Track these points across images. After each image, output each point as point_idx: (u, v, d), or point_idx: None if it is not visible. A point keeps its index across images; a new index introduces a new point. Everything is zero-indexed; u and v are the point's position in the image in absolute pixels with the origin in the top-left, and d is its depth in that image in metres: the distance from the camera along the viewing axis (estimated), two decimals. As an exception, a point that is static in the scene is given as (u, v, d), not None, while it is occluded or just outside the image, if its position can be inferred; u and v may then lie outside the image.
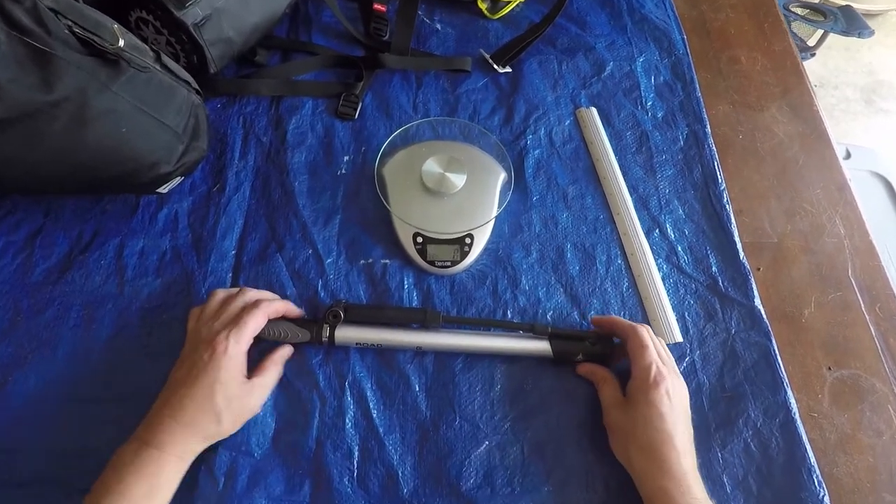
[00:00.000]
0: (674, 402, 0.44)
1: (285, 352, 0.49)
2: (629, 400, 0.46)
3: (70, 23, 0.40)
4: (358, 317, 0.50)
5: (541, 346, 0.50)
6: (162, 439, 0.41)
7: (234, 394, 0.43)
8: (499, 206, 0.57)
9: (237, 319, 0.45)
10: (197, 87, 0.53)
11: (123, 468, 0.40)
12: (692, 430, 0.46)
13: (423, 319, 0.50)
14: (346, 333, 0.49)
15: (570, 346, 0.50)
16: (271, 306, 0.48)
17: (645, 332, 0.48)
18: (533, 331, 0.50)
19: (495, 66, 0.67)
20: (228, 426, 0.44)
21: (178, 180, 0.54)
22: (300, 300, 0.53)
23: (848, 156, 1.20)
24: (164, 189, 0.53)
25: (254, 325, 0.46)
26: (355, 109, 0.63)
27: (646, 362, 0.46)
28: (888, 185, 1.18)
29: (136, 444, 0.41)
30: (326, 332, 0.49)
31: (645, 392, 0.45)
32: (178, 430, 0.42)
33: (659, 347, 0.48)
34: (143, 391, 0.45)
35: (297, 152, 0.61)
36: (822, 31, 1.26)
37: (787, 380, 0.52)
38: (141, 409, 0.43)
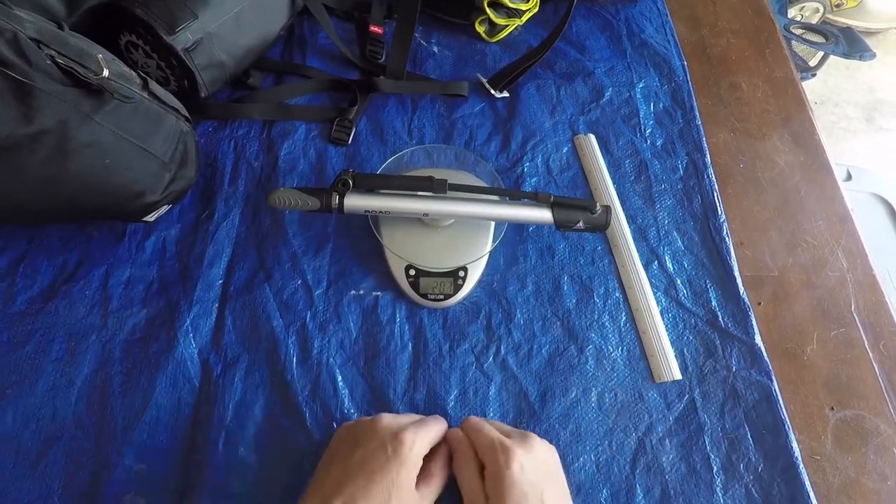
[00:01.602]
0: (530, 471, 0.39)
1: (444, 453, 0.44)
2: (490, 494, 0.39)
3: (53, 52, 0.39)
4: (366, 185, 0.51)
5: (543, 214, 0.52)
6: None
7: (409, 501, 0.38)
8: (494, 239, 0.56)
9: (422, 420, 0.43)
10: (186, 114, 0.52)
11: None
12: (566, 490, 0.42)
13: (430, 186, 0.51)
14: (355, 201, 0.50)
15: (571, 215, 0.51)
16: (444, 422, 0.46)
17: (475, 418, 0.45)
18: (536, 199, 0.52)
19: (492, 91, 0.66)
20: None
21: (165, 208, 0.53)
22: (287, 331, 0.52)
23: (848, 177, 1.19)
24: (150, 218, 0.52)
25: (437, 429, 0.43)
26: (349, 134, 0.62)
27: (486, 441, 0.41)
28: (889, 207, 1.17)
29: None
30: (336, 200, 0.50)
31: (499, 476, 0.39)
32: None
33: (497, 424, 0.45)
34: (122, 429, 0.43)
35: (288, 178, 0.60)
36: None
37: (788, 422, 0.50)
38: (117, 444, 0.42)
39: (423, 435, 0.41)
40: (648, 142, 0.65)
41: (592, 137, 0.64)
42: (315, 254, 0.55)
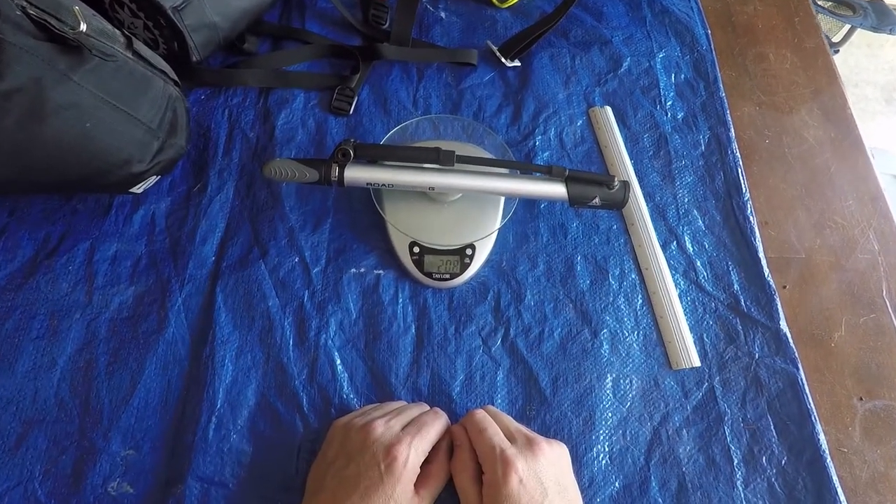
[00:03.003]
0: (530, 484, 0.37)
1: (446, 454, 0.42)
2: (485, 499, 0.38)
3: (24, 3, 0.36)
4: (368, 155, 0.48)
5: (557, 189, 0.48)
6: None
7: None
8: (503, 215, 0.52)
9: (419, 423, 0.40)
10: (175, 77, 0.48)
11: None
12: (579, 496, 0.40)
13: (436, 158, 0.47)
14: (356, 173, 0.47)
15: (586, 190, 0.48)
16: (444, 417, 0.43)
17: (479, 414, 0.42)
18: (550, 173, 0.48)
19: (503, 60, 0.62)
20: None
21: (153, 179, 0.49)
22: (283, 311, 0.49)
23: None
24: (138, 189, 0.49)
25: (436, 430, 0.41)
26: (350, 104, 0.59)
27: (487, 446, 0.39)
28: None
29: None
30: (335, 171, 0.46)
31: (496, 487, 0.37)
32: None
33: (505, 422, 0.42)
34: (108, 412, 0.41)
35: (286, 149, 0.56)
36: (849, 26, 1.19)
37: (815, 413, 0.47)
38: (103, 428, 0.39)
39: (418, 444, 0.38)
40: (668, 115, 0.61)
41: (609, 110, 0.61)
42: (313, 229, 0.52)
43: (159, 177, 0.50)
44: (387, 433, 0.39)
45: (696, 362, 0.49)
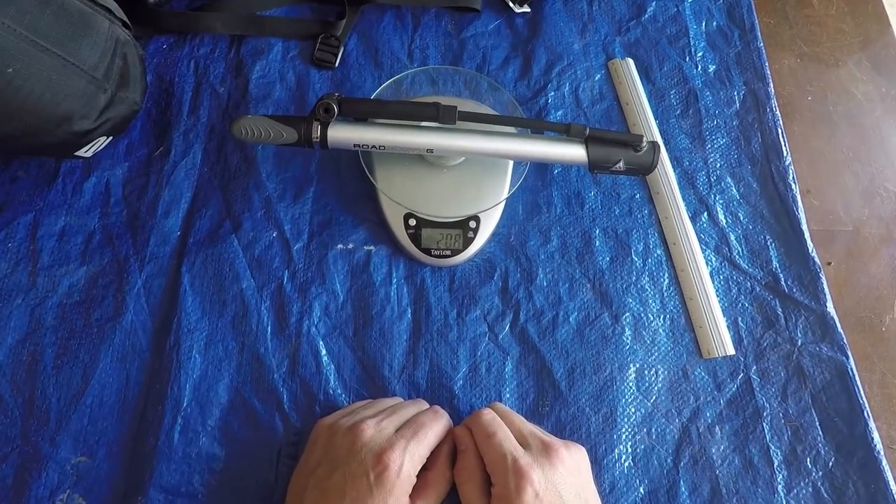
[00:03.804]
0: (548, 498, 0.32)
1: (448, 459, 0.37)
2: None
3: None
4: (356, 112, 0.41)
5: (575, 151, 0.42)
6: None
7: None
8: (512, 183, 0.46)
9: (415, 425, 0.35)
10: (123, 17, 0.41)
11: None
12: None
13: (435, 115, 0.41)
14: (342, 133, 0.41)
15: (610, 153, 0.42)
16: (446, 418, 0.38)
17: (487, 415, 0.36)
18: (568, 132, 0.41)
19: (511, 5, 0.55)
20: None
21: (103, 141, 0.42)
22: (259, 294, 0.42)
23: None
24: (86, 152, 0.42)
25: (434, 433, 0.35)
26: (336, 55, 0.51)
27: (497, 454, 0.34)
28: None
29: None
30: (317, 130, 0.40)
31: (507, 502, 0.32)
32: None
33: (517, 423, 0.37)
34: (55, 413, 0.35)
35: (261, 107, 0.49)
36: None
37: (867, 407, 0.42)
38: (50, 431, 0.33)
39: (414, 449, 0.33)
40: (699, 68, 0.54)
41: (631, 62, 0.54)
42: (294, 199, 0.46)
43: (111, 138, 0.43)
44: (378, 436, 0.33)
45: (731, 350, 0.44)
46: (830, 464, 0.40)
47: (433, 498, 0.35)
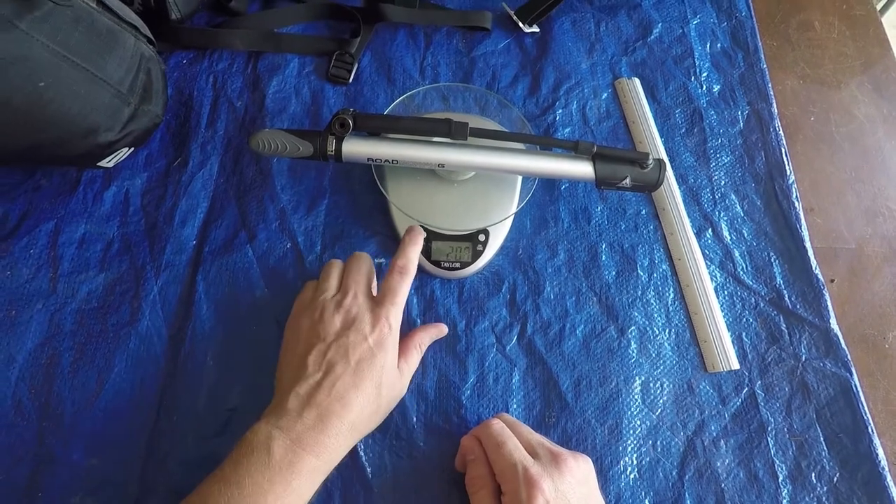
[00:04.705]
0: None
1: (432, 333, 0.42)
2: None
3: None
4: (370, 127, 0.42)
5: (583, 167, 0.43)
6: (323, 443, 0.33)
7: (392, 381, 0.37)
8: (521, 198, 0.47)
9: (389, 288, 0.39)
10: (149, 34, 0.42)
11: (277, 473, 0.31)
12: None
13: (447, 131, 0.42)
14: (356, 147, 0.42)
15: (616, 170, 0.43)
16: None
17: (497, 426, 0.37)
18: (576, 149, 0.43)
19: (520, 25, 0.56)
20: (377, 423, 0.37)
21: (125, 152, 0.44)
22: (273, 304, 0.43)
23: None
24: (108, 163, 0.43)
25: (403, 296, 0.39)
26: (350, 71, 0.53)
27: (507, 463, 0.34)
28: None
29: (283, 444, 0.32)
30: (332, 144, 0.41)
31: None
32: (344, 432, 0.34)
33: (524, 433, 0.37)
34: (70, 416, 0.35)
35: (277, 121, 0.50)
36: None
37: (871, 423, 0.42)
38: (64, 434, 0.34)
39: (398, 308, 0.38)
40: (704, 88, 0.55)
41: (637, 82, 0.55)
42: (308, 211, 0.47)
43: (132, 149, 0.44)
44: (365, 303, 0.38)
45: (735, 364, 0.44)
46: (835, 479, 0.41)
47: (412, 361, 0.40)
